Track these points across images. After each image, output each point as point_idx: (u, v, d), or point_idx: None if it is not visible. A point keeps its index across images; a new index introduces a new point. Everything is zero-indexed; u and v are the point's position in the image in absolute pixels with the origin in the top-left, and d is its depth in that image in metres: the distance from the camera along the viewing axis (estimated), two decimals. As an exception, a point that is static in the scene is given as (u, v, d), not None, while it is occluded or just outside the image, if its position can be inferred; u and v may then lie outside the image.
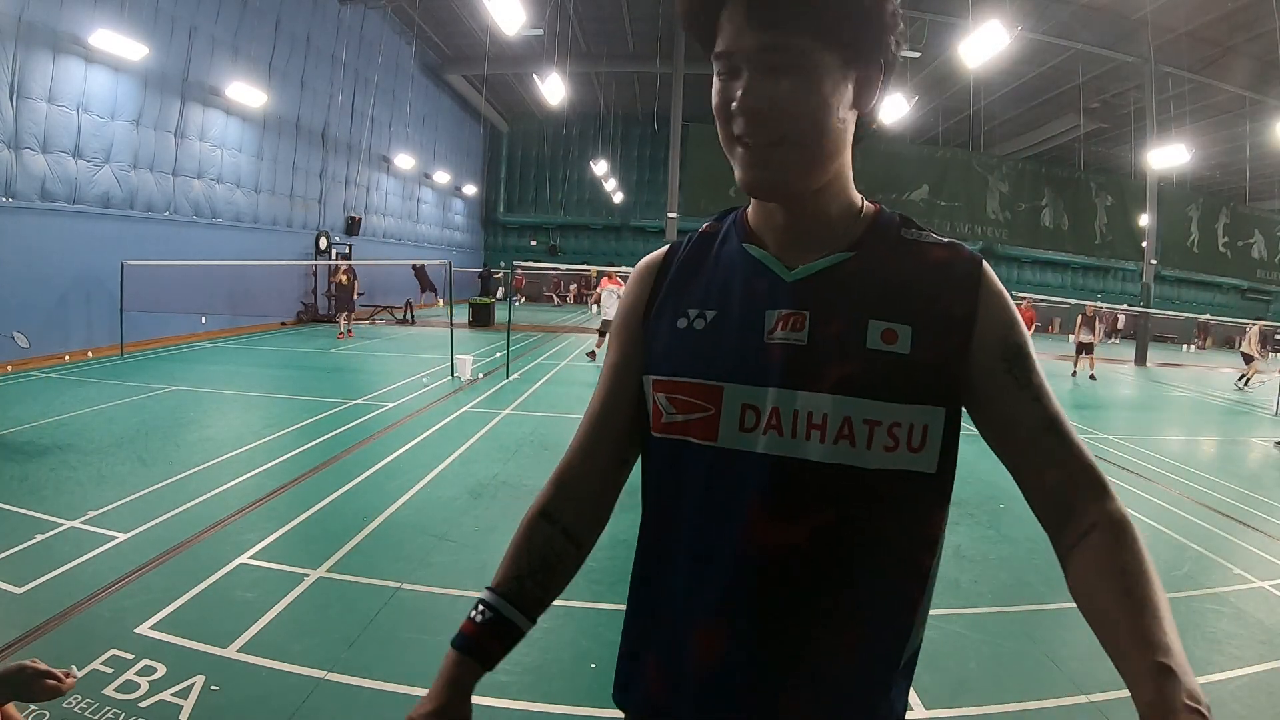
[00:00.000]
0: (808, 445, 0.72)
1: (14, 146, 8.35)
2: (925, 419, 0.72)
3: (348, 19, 15.85)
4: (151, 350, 10.29)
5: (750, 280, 0.78)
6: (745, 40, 0.69)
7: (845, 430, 0.71)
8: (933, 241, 0.78)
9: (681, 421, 0.77)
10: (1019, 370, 0.74)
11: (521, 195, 30.81)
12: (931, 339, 0.73)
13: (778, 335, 0.74)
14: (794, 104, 0.69)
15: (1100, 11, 14.89)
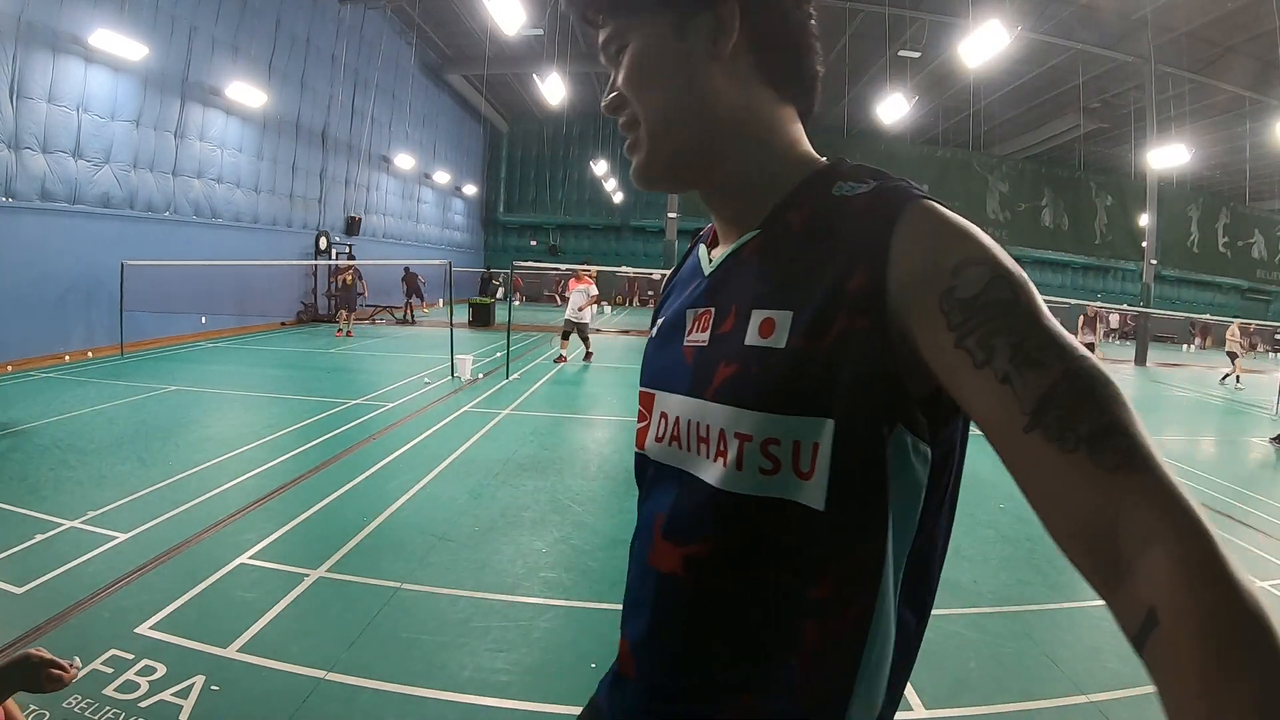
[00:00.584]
0: (699, 461, 0.63)
1: (14, 146, 8.35)
2: (811, 435, 0.55)
3: (348, 19, 15.85)
4: (151, 350, 10.29)
5: (688, 279, 0.74)
6: (598, 42, 0.68)
7: (722, 446, 0.60)
8: (858, 192, 0.61)
9: (640, 428, 0.73)
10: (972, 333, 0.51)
11: (521, 195, 30.81)
12: (811, 325, 0.56)
13: (692, 336, 0.67)
14: (632, 89, 0.65)
15: (1100, 11, 14.89)
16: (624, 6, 0.65)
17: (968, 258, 0.53)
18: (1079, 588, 3.54)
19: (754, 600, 0.60)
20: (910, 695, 2.43)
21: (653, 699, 0.66)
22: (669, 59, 0.64)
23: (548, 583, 3.20)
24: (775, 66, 0.69)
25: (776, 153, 0.68)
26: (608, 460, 5.44)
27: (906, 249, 0.54)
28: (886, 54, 17.23)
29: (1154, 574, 0.40)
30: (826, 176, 0.65)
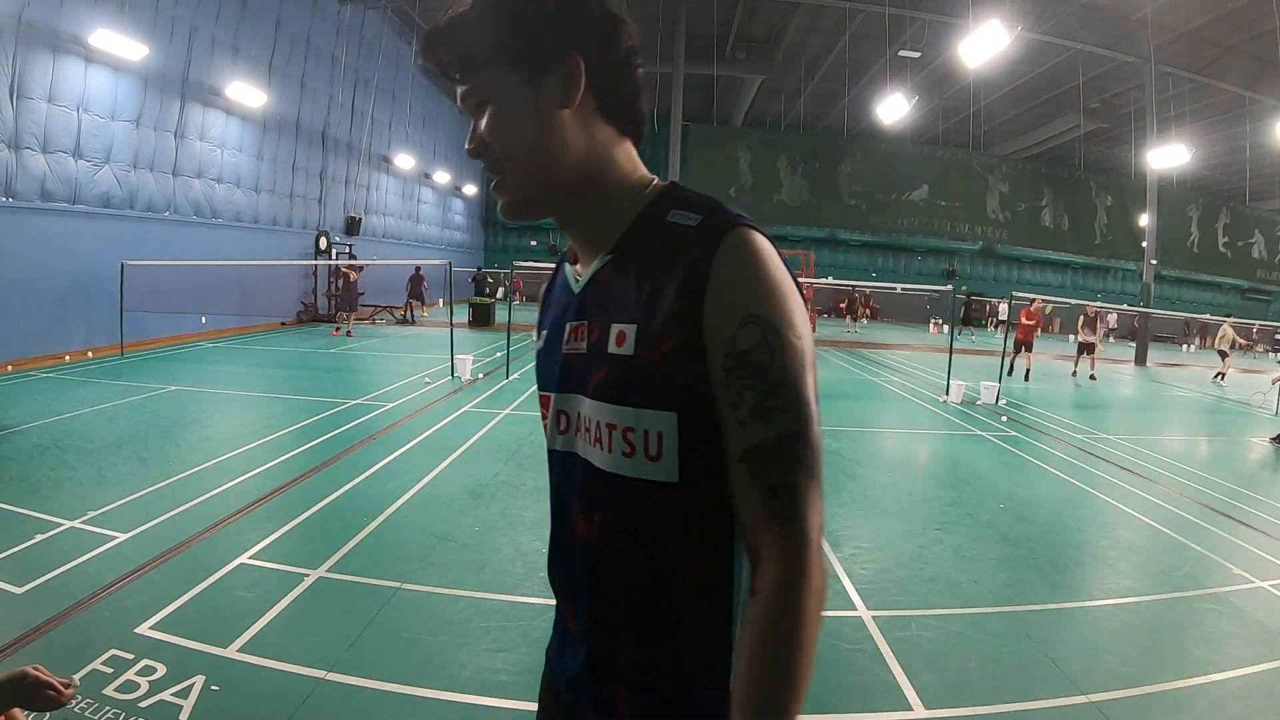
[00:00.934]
0: (590, 449, 0.76)
1: (14, 146, 8.35)
2: (658, 425, 0.69)
3: (348, 19, 15.85)
4: (151, 350, 10.29)
5: (562, 298, 0.84)
6: (458, 94, 0.77)
7: (599, 434, 0.74)
8: (687, 222, 0.72)
9: (545, 425, 0.85)
10: (735, 380, 0.67)
11: (521, 195, 30.80)
12: (651, 338, 0.69)
13: (570, 346, 0.79)
14: (498, 138, 0.75)
15: (1100, 11, 14.89)
16: (482, 67, 0.75)
17: (749, 314, 0.67)
18: (1079, 588, 3.54)
19: (646, 554, 0.73)
20: (910, 695, 2.43)
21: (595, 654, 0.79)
22: (529, 110, 0.74)
23: (547, 583, 3.19)
24: (614, 108, 0.79)
25: (620, 182, 0.79)
26: (608, 460, 5.44)
27: (718, 287, 0.67)
28: (886, 54, 17.23)
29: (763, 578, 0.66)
30: (662, 204, 0.76)
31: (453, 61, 0.76)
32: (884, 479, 5.33)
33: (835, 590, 3.29)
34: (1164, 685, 2.56)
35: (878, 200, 20.59)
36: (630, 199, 0.78)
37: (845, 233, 27.89)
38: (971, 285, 29.64)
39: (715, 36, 18.19)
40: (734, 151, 20.38)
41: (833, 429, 7.02)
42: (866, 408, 8.68)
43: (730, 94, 23.42)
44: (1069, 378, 13.04)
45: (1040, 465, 6.03)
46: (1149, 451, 6.90)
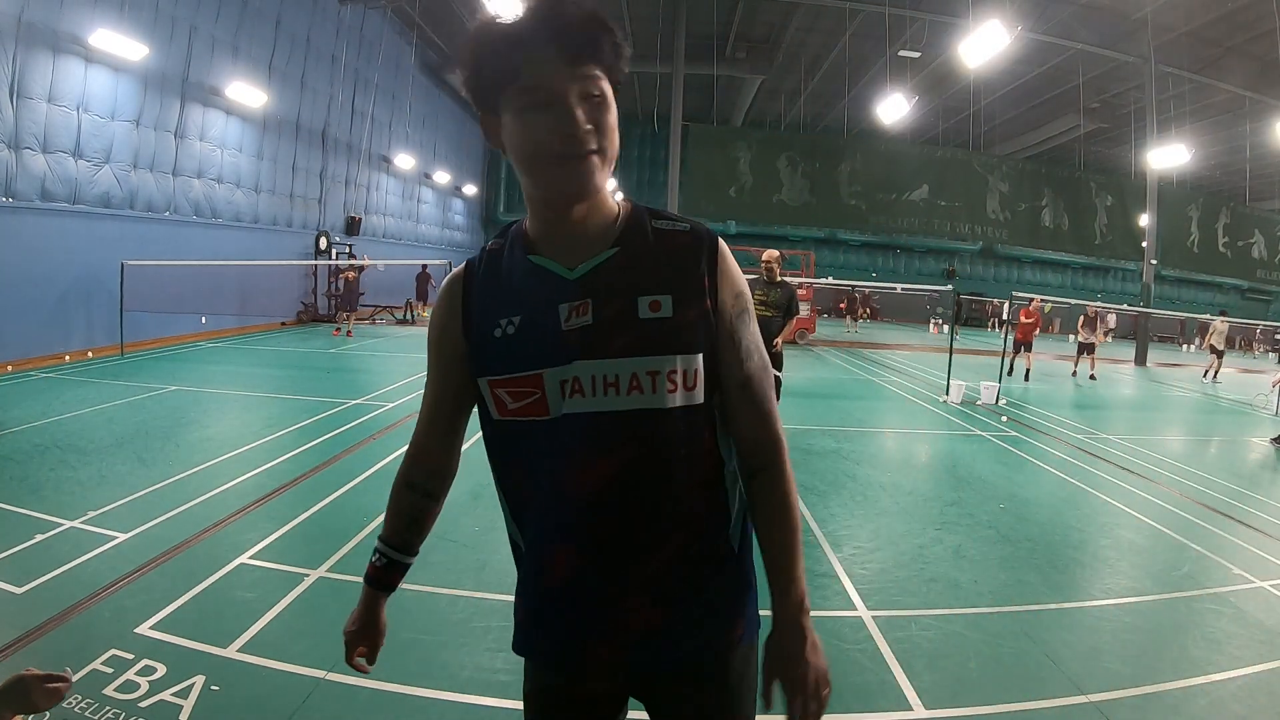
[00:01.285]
0: (608, 399, 0.92)
1: (14, 146, 8.35)
2: (694, 364, 0.95)
3: (348, 19, 15.85)
4: (151, 350, 10.29)
5: (540, 284, 0.96)
6: (561, 74, 0.87)
7: (633, 383, 0.92)
8: (678, 229, 0.99)
9: (520, 406, 0.96)
10: (738, 330, 1.00)
11: (521, 195, 30.66)
12: (686, 304, 0.94)
13: (572, 322, 0.93)
14: (607, 126, 0.90)
15: (1100, 11, 14.89)
16: (610, 68, 0.91)
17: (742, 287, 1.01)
18: (1079, 588, 3.54)
19: (678, 461, 0.96)
20: (910, 695, 2.43)
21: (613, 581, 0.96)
22: (616, 115, 0.93)
23: (548, 583, 3.20)
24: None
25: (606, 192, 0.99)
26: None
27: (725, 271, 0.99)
28: (886, 54, 17.23)
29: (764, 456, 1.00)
30: (639, 215, 1.00)
31: (603, 50, 0.89)
32: (884, 479, 5.33)
33: (835, 590, 3.29)
34: (1164, 685, 2.56)
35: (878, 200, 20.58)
36: (611, 206, 0.99)
37: (845, 233, 27.89)
38: (971, 285, 29.64)
39: (715, 36, 18.19)
40: (734, 151, 20.38)
41: (833, 429, 7.02)
42: (866, 408, 8.68)
43: (730, 94, 23.42)
44: (1069, 378, 13.04)
45: (1040, 465, 6.03)
46: (1149, 451, 6.90)
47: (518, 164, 0.93)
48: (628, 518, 0.94)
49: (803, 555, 1.04)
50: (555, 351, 0.93)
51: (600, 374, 0.92)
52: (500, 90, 0.90)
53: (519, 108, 0.89)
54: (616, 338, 0.92)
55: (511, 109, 0.89)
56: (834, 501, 4.62)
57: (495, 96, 0.91)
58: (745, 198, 20.16)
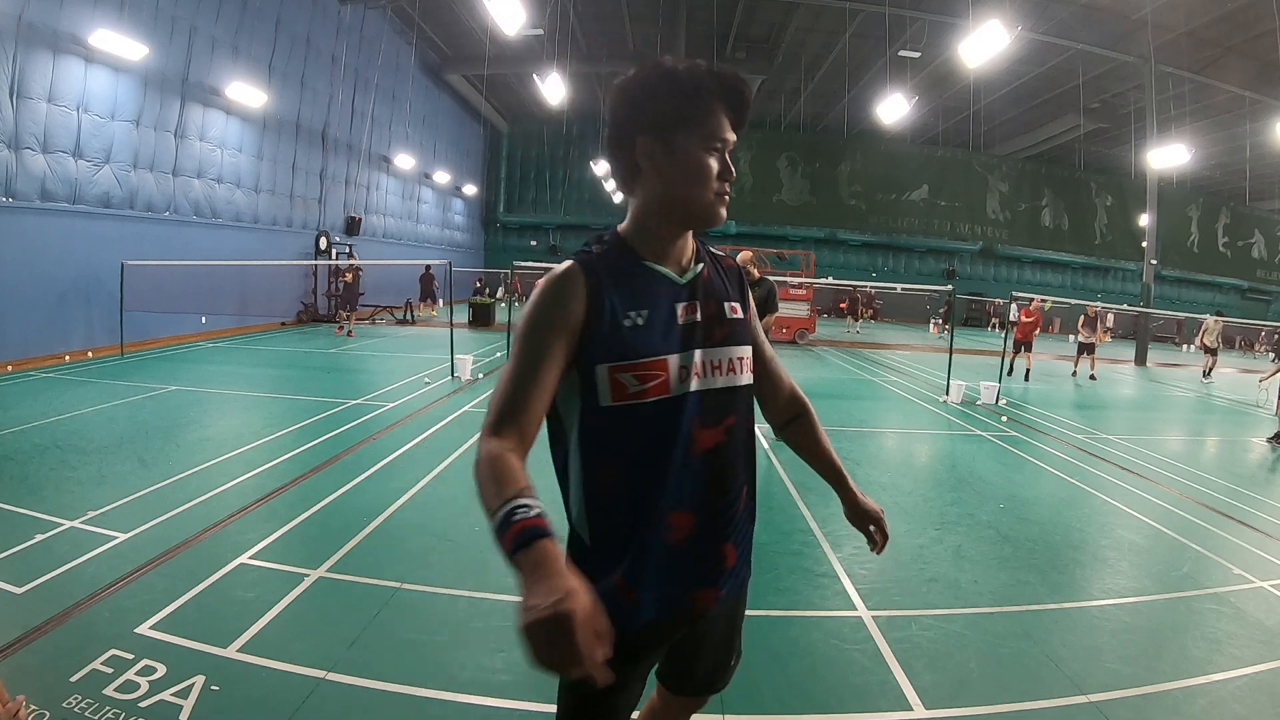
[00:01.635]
0: (714, 379, 1.19)
1: (14, 146, 8.35)
2: (750, 353, 1.26)
3: (348, 19, 15.85)
4: (151, 350, 10.29)
5: (659, 286, 1.18)
6: (729, 136, 1.16)
7: (729, 366, 1.21)
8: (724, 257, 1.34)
9: (643, 389, 1.12)
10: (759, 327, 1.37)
11: (521, 195, 30.82)
12: (744, 309, 1.27)
13: (685, 318, 1.17)
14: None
15: (1100, 11, 14.89)
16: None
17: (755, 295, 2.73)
18: (1079, 588, 3.54)
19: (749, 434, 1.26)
20: (910, 695, 2.43)
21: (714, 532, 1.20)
22: None
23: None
24: None
25: None
26: (608, 460, 5.44)
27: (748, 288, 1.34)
28: (886, 54, 17.23)
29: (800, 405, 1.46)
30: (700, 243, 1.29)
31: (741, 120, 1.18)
32: (884, 479, 5.33)
33: (835, 590, 3.29)
34: (1164, 685, 2.56)
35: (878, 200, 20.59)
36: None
37: (845, 233, 27.87)
38: (971, 285, 29.63)
39: (715, 36, 18.20)
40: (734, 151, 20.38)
41: (833, 429, 7.01)
42: (867, 408, 8.68)
43: (730, 94, 23.38)
44: (1069, 378, 13.04)
45: (1040, 465, 6.03)
46: (1149, 451, 6.90)
47: (672, 186, 1.14)
48: (724, 476, 1.19)
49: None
50: (675, 341, 1.15)
51: (709, 359, 1.18)
52: (678, 127, 1.12)
53: (697, 147, 1.13)
54: (716, 331, 1.20)
55: (693, 146, 1.13)
56: (834, 502, 4.59)
57: (671, 128, 1.12)
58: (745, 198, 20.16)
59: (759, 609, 3.03)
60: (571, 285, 1.12)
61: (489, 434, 1.03)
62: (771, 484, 4.98)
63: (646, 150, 1.13)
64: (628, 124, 1.14)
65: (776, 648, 2.73)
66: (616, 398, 1.11)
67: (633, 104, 1.13)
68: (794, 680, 2.49)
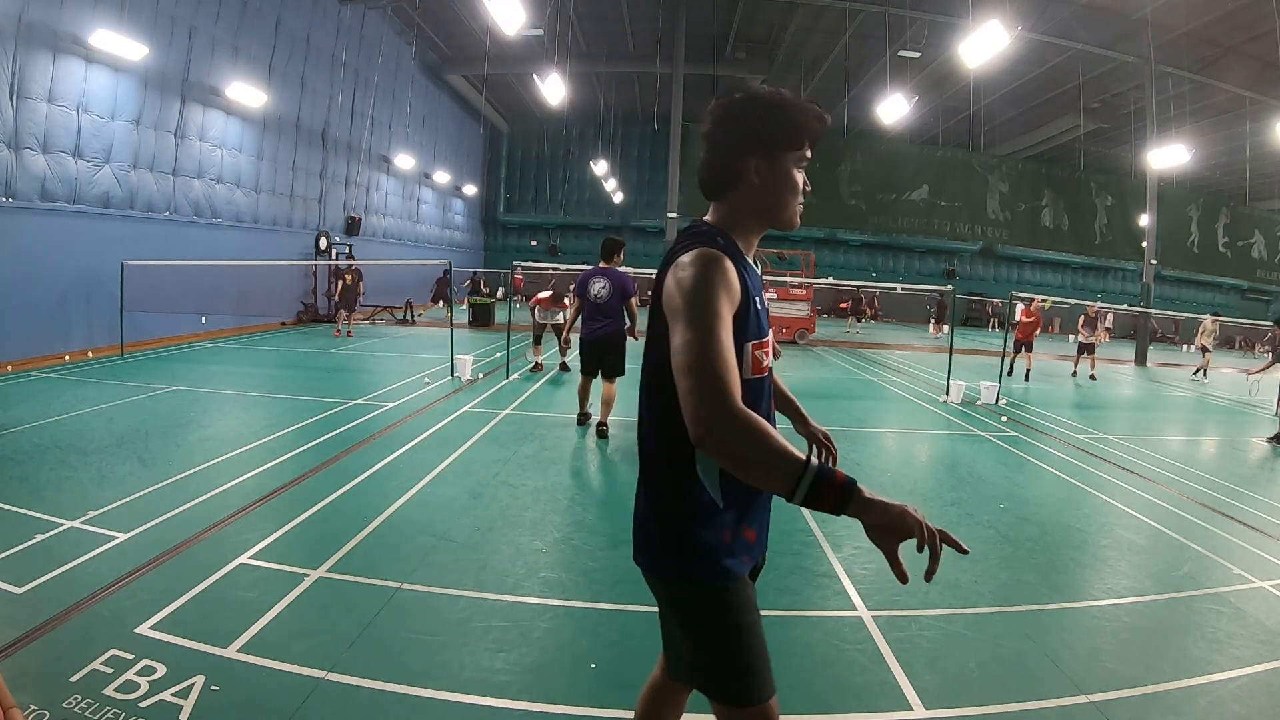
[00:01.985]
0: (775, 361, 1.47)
1: (14, 146, 8.35)
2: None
3: (348, 19, 15.85)
4: (151, 350, 10.29)
5: (753, 277, 1.35)
6: (809, 156, 1.37)
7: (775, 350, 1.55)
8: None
9: (764, 365, 1.35)
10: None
11: (521, 195, 30.82)
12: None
13: (761, 306, 1.36)
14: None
15: (1100, 11, 14.89)
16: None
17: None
18: (1079, 588, 3.54)
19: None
20: (910, 695, 2.43)
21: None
22: None
23: (548, 583, 3.20)
24: None
25: None
26: (608, 460, 5.44)
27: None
28: (886, 54, 17.23)
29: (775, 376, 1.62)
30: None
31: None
32: (884, 479, 5.33)
33: (835, 590, 3.30)
34: (1164, 685, 2.56)
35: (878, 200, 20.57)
36: None
37: (845, 233, 27.88)
38: (971, 285, 29.64)
39: (715, 36, 18.19)
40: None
41: (833, 429, 6.98)
42: (867, 408, 8.68)
43: (730, 94, 23.38)
44: (1069, 378, 13.04)
45: (1040, 465, 6.03)
46: (1149, 451, 6.90)
47: (771, 196, 1.34)
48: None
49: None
50: (766, 325, 1.37)
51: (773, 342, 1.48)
52: (784, 149, 1.32)
53: (797, 167, 1.35)
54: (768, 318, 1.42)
55: (791, 164, 1.34)
56: (834, 501, 4.62)
57: (778, 149, 1.32)
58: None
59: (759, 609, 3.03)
60: (730, 268, 1.24)
61: (735, 403, 1.09)
62: (771, 484, 4.97)
63: (754, 166, 1.32)
64: (740, 141, 1.31)
65: (776, 648, 2.72)
66: (754, 371, 1.31)
67: (747, 125, 1.31)
68: (794, 680, 2.49)
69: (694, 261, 1.22)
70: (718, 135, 1.33)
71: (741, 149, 1.32)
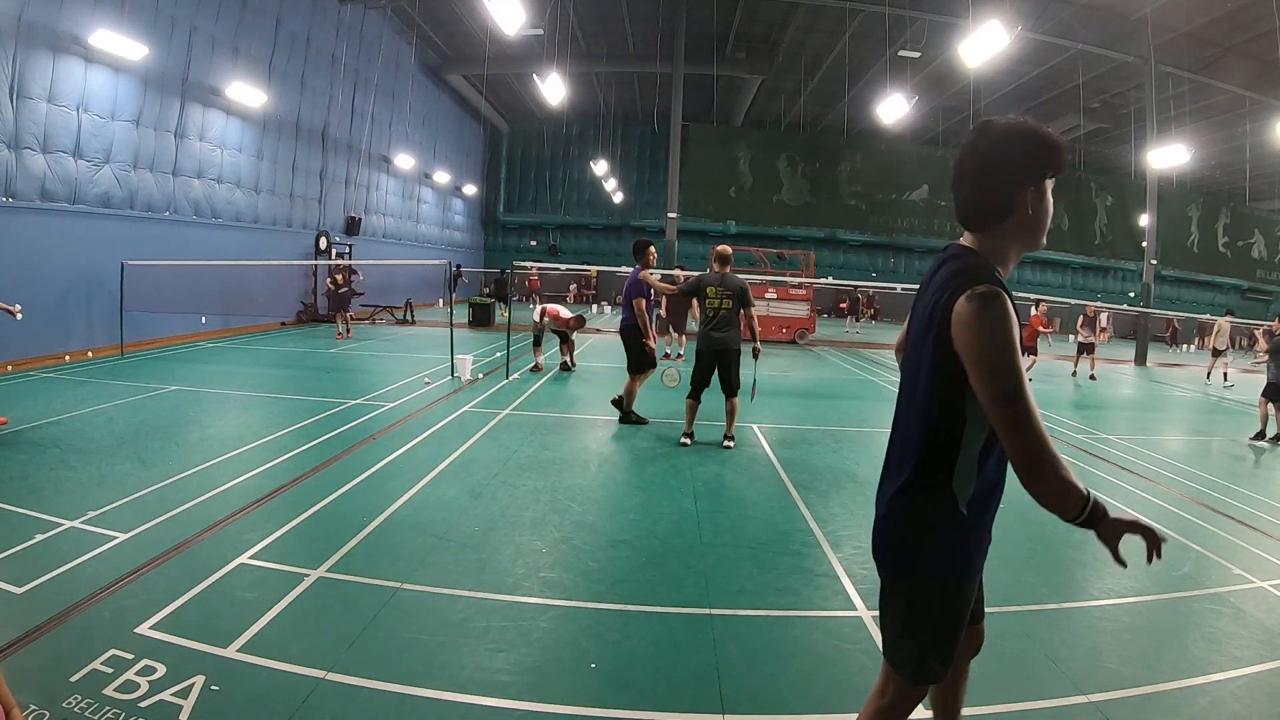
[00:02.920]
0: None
1: (14, 146, 8.36)
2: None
3: (348, 19, 15.85)
4: (151, 350, 10.29)
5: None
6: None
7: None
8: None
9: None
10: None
11: (521, 195, 30.82)
12: None
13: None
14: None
15: (1100, 11, 14.89)
16: None
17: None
18: (1079, 588, 3.54)
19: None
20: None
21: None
22: None
23: (548, 583, 3.20)
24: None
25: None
26: (608, 460, 5.44)
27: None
28: (886, 54, 17.23)
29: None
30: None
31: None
32: (884, 479, 5.32)
33: (835, 590, 3.29)
34: (1164, 685, 2.56)
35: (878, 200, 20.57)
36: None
37: (845, 233, 27.87)
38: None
39: (715, 36, 18.19)
40: (734, 151, 20.36)
41: (833, 429, 7.02)
42: (867, 408, 8.68)
43: (730, 94, 23.41)
44: (1069, 377, 13.04)
45: (1040, 465, 6.02)
46: (1149, 451, 6.90)
47: (1038, 223, 1.39)
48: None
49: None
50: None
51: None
52: (1051, 178, 1.39)
53: (1050, 194, 1.41)
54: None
55: (1049, 193, 1.40)
56: (834, 501, 4.62)
57: (1047, 179, 1.38)
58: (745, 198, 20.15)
59: (759, 609, 3.03)
60: (1012, 310, 1.32)
61: (1053, 452, 1.27)
62: (771, 484, 4.98)
63: (1031, 196, 1.36)
64: (1016, 174, 1.36)
65: (777, 648, 2.73)
66: None
67: (1021, 158, 1.35)
68: (794, 680, 2.49)
69: (994, 302, 1.29)
70: (993, 169, 1.37)
71: (1019, 181, 1.36)
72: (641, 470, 5.16)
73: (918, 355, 1.47)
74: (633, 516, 4.15)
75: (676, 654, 2.64)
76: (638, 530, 3.91)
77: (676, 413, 7.21)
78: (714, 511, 4.31)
